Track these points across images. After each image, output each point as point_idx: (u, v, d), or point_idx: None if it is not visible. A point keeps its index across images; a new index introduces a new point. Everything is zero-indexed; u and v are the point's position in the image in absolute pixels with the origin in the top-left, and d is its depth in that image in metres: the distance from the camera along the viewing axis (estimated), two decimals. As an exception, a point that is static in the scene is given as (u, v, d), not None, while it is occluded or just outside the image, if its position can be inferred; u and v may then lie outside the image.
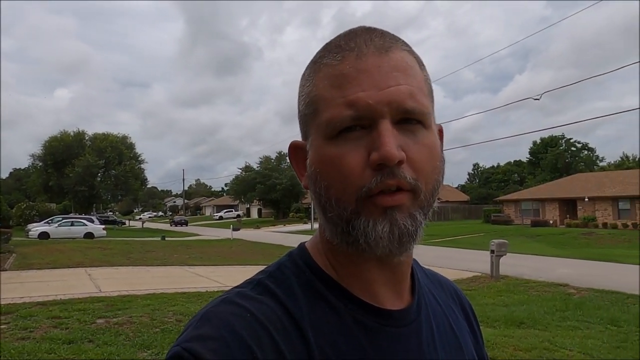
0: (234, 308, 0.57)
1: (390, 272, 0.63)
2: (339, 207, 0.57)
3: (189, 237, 34.85)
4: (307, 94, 0.62)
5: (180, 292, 10.28)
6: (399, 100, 0.56)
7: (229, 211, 71.84)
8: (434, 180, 0.59)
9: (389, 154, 0.54)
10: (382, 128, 0.55)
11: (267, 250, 22.54)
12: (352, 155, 0.56)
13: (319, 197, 0.59)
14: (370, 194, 0.55)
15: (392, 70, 0.57)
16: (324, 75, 0.59)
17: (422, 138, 0.58)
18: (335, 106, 0.57)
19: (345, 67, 0.58)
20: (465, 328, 0.74)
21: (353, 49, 0.58)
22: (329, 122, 0.57)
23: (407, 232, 0.56)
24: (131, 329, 6.83)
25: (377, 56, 0.58)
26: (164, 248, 23.20)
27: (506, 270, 13.17)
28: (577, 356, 6.20)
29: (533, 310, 8.85)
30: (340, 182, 0.56)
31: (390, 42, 0.59)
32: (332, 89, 0.58)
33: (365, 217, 0.56)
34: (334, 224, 0.59)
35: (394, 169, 0.55)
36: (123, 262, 16.42)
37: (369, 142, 0.56)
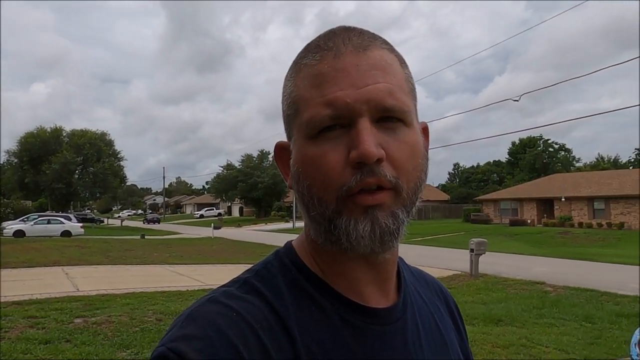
0: (220, 307, 0.57)
1: (376, 270, 0.63)
2: (321, 206, 0.57)
3: (169, 235, 34.47)
4: (289, 95, 0.62)
5: (160, 291, 10.16)
6: (377, 99, 0.56)
7: (210, 209, 71.28)
8: (416, 178, 0.59)
9: (367, 152, 0.54)
10: (361, 126, 0.55)
11: (249, 249, 22.44)
12: (332, 154, 0.56)
13: (302, 196, 0.60)
14: (350, 193, 0.55)
15: (370, 69, 0.57)
16: (304, 75, 0.60)
17: (402, 136, 0.58)
18: (314, 106, 0.57)
19: (324, 67, 0.58)
20: (451, 325, 0.75)
21: (331, 49, 0.59)
22: (309, 121, 0.57)
23: (389, 231, 0.56)
24: (110, 329, 6.73)
25: (355, 55, 0.58)
26: (143, 247, 22.90)
27: (485, 268, 13.36)
28: (553, 353, 6.33)
29: (511, 307, 9.00)
30: (321, 181, 0.57)
31: (368, 41, 0.60)
32: (312, 89, 0.58)
33: (347, 216, 0.56)
34: (317, 223, 0.59)
35: (373, 167, 0.55)
36: (101, 261, 16.16)
37: (348, 140, 0.56)
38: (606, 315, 8.42)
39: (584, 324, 7.97)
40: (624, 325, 7.71)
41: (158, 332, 6.64)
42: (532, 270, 14.38)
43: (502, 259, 17.18)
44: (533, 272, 13.89)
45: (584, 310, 8.79)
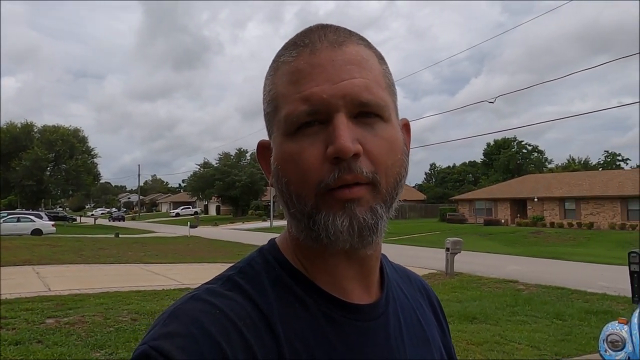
0: (203, 305, 0.56)
1: (358, 266, 0.63)
2: (300, 203, 0.57)
3: (144, 234, 33.93)
4: (268, 92, 0.63)
5: (135, 290, 10.00)
6: (352, 94, 0.56)
7: (186, 208, 70.41)
8: (395, 173, 0.59)
9: (344, 147, 0.54)
10: (337, 122, 0.55)
11: (225, 247, 22.26)
12: (310, 150, 0.56)
13: (281, 193, 0.60)
14: (328, 189, 0.55)
15: (346, 64, 0.57)
16: (282, 72, 0.60)
17: (380, 131, 0.58)
18: (291, 102, 0.57)
19: (300, 63, 0.58)
20: (433, 322, 0.76)
21: (307, 45, 0.59)
22: (287, 118, 0.58)
23: (367, 226, 0.56)
24: (83, 329, 6.60)
25: (331, 50, 0.58)
26: (117, 245, 22.48)
27: (460, 267, 13.57)
28: (526, 349, 6.48)
29: (485, 305, 9.17)
30: (299, 177, 0.57)
31: (344, 37, 0.60)
32: (289, 86, 0.58)
33: (326, 211, 0.56)
34: (297, 220, 0.59)
35: (350, 163, 0.55)
36: (74, 260, 15.79)
37: (325, 136, 0.56)
38: (576, 313, 8.66)
39: (555, 321, 8.17)
40: (592, 322, 7.95)
41: (133, 332, 6.54)
42: (506, 269, 14.67)
43: (477, 258, 17.47)
44: (506, 271, 14.18)
45: (555, 308, 9.02)
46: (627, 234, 28.58)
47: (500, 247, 23.98)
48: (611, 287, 11.13)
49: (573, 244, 25.73)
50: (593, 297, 10.22)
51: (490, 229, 33.68)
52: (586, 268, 15.46)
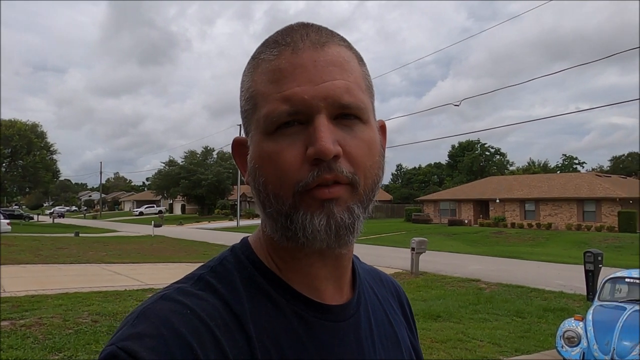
0: (174, 305, 0.55)
1: (332, 266, 0.64)
2: (277, 202, 0.57)
3: (106, 233, 32.99)
4: (246, 90, 0.62)
5: (96, 291, 9.73)
6: (334, 95, 0.56)
7: (150, 207, 68.79)
8: (373, 175, 0.59)
9: (324, 149, 0.54)
10: (318, 123, 0.55)
11: (191, 247, 21.91)
12: (289, 151, 0.56)
13: (258, 192, 0.59)
14: (307, 188, 0.55)
15: (328, 65, 0.57)
16: (262, 70, 0.59)
17: (359, 133, 0.58)
18: (271, 101, 0.57)
19: (282, 62, 0.58)
20: (403, 322, 0.77)
21: (289, 44, 0.58)
22: (267, 117, 0.57)
23: (344, 225, 0.56)
24: (41, 331, 6.36)
25: (313, 51, 0.58)
26: (78, 245, 21.78)
27: (425, 266, 13.81)
28: (487, 346, 6.66)
29: (449, 304, 9.37)
30: (278, 177, 0.56)
31: (326, 37, 0.60)
32: (269, 84, 0.58)
33: (304, 210, 0.56)
34: (273, 219, 0.59)
35: (330, 164, 0.55)
36: (31, 260, 15.21)
37: (305, 137, 0.56)
38: (535, 310, 8.96)
39: (515, 318, 8.43)
40: (550, 319, 8.24)
41: (94, 334, 6.35)
42: (469, 268, 15.03)
43: (441, 257, 17.83)
44: (469, 270, 14.52)
45: (515, 306, 9.30)
46: (583, 234, 29.78)
47: (463, 246, 24.53)
48: (568, 285, 11.57)
49: (532, 244, 26.59)
50: (551, 295, 10.60)
51: (454, 229, 34.38)
52: (544, 267, 16.01)
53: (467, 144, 68.16)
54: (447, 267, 15.01)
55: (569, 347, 5.56)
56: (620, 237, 26.29)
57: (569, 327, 5.70)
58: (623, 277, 6.43)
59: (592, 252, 9.93)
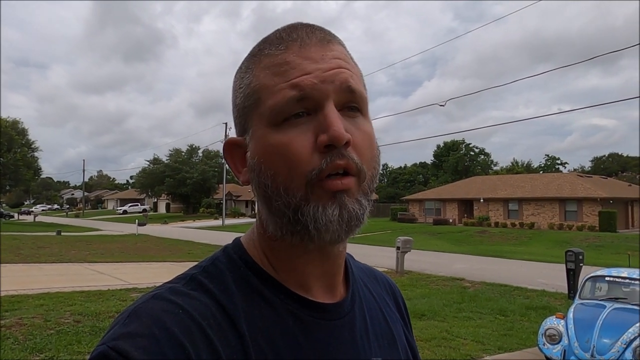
0: (165, 304, 0.55)
1: (327, 264, 0.64)
2: (288, 195, 0.57)
3: (88, 232, 32.53)
4: (246, 86, 0.61)
5: (78, 290, 9.59)
6: (342, 79, 0.57)
7: (135, 205, 68.02)
8: (372, 168, 0.60)
9: (338, 134, 0.54)
10: (328, 109, 0.56)
11: (175, 246, 21.73)
12: (300, 140, 0.56)
13: (264, 187, 0.59)
14: (320, 177, 0.55)
15: (334, 57, 0.59)
16: (266, 65, 0.59)
17: (361, 125, 0.59)
18: (278, 91, 0.57)
19: (289, 56, 0.58)
20: (398, 320, 0.77)
21: (296, 40, 0.59)
22: (273, 108, 0.57)
23: (356, 216, 0.57)
24: (21, 332, 6.25)
25: (320, 46, 0.59)
26: (60, 244, 21.44)
27: (410, 265, 13.90)
28: (471, 344, 6.73)
29: (433, 302, 9.45)
30: (289, 168, 0.56)
31: (330, 36, 0.62)
32: (275, 77, 0.58)
33: (315, 202, 0.56)
34: (280, 214, 0.58)
35: (342, 150, 0.55)
36: (12, 259, 14.90)
37: (315, 125, 0.56)
38: (517, 309, 9.08)
39: (498, 317, 8.54)
40: (532, 317, 8.36)
41: (76, 334, 6.27)
42: (453, 267, 15.17)
43: (426, 256, 17.97)
44: (454, 269, 14.66)
45: (498, 304, 9.42)
46: (565, 233, 30.25)
47: (448, 245, 24.75)
48: (550, 284, 11.76)
49: (515, 243, 26.94)
50: (533, 293, 10.75)
51: (439, 228, 34.64)
52: (527, 266, 16.24)
53: (452, 144, 68.72)
54: (431, 266, 15.13)
55: (551, 345, 5.65)
56: (600, 237, 26.78)
57: (550, 325, 5.79)
58: (603, 276, 6.56)
59: (574, 251, 10.12)
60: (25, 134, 48.45)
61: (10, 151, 44.89)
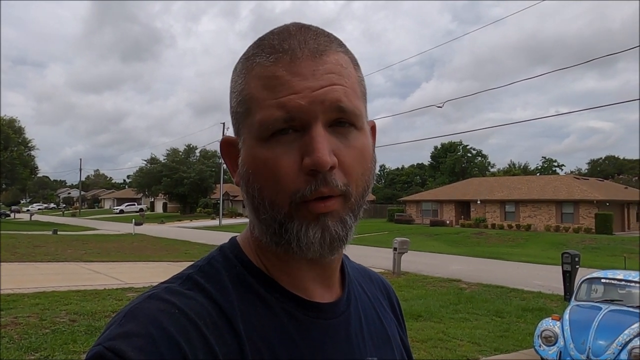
0: (162, 304, 0.55)
1: (320, 268, 0.65)
2: (273, 210, 0.57)
3: (85, 231, 32.45)
4: (239, 92, 0.61)
5: (74, 289, 9.57)
6: (331, 99, 0.56)
7: (131, 205, 67.88)
8: (364, 182, 0.60)
9: (322, 161, 0.54)
10: (315, 133, 0.55)
11: (172, 246, 21.70)
12: (285, 159, 0.56)
13: (252, 198, 0.59)
14: (304, 200, 0.56)
15: (326, 73, 0.57)
16: (256, 74, 0.58)
17: (353, 140, 0.58)
18: (266, 108, 0.56)
19: (279, 70, 0.57)
20: (393, 320, 0.78)
21: (287, 51, 0.57)
22: (261, 123, 0.57)
23: (338, 237, 0.57)
24: (16, 331, 6.24)
25: (311, 60, 0.57)
26: (56, 243, 21.39)
27: (407, 266, 13.92)
28: (467, 346, 6.74)
29: (430, 304, 9.46)
30: (274, 185, 0.56)
31: (324, 45, 0.59)
32: (264, 90, 0.57)
33: (299, 221, 0.57)
34: (266, 225, 0.59)
35: (326, 176, 0.55)
36: (7, 258, 14.85)
37: (301, 145, 0.55)
38: (514, 310, 9.10)
39: (495, 318, 8.55)
40: (529, 319, 8.38)
41: (71, 333, 6.25)
42: (450, 269, 15.19)
43: (423, 257, 17.98)
44: (450, 270, 14.68)
45: (494, 306, 9.44)
46: (561, 235, 30.34)
47: (445, 247, 24.78)
48: (546, 285, 11.79)
49: (512, 245, 26.99)
50: (529, 295, 10.78)
51: (436, 229, 34.68)
52: (523, 268, 16.28)
53: (450, 146, 68.84)
54: (428, 267, 15.15)
55: (547, 346, 5.66)
56: (597, 239, 26.87)
57: (546, 327, 5.80)
58: (599, 278, 6.58)
59: (570, 253, 10.13)
60: (22, 132, 48.36)
61: (7, 150, 44.74)
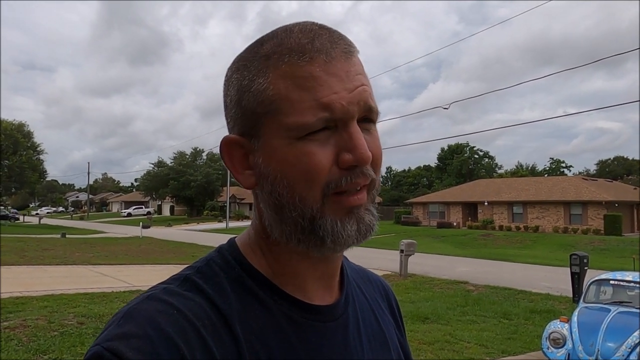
0: (160, 305, 0.55)
1: (325, 266, 0.65)
2: (304, 205, 0.57)
3: (93, 234, 32.64)
4: (260, 91, 0.59)
5: (82, 292, 9.62)
6: (364, 99, 0.59)
7: (139, 208, 68.21)
8: (379, 173, 0.63)
9: (365, 156, 0.56)
10: (354, 130, 0.57)
11: (179, 248, 21.77)
12: (321, 155, 0.56)
13: (279, 196, 0.58)
14: (337, 191, 0.57)
15: (356, 74, 0.59)
16: (286, 74, 0.57)
17: (374, 134, 0.61)
18: (306, 109, 0.56)
19: (315, 70, 0.57)
20: (391, 323, 0.77)
21: (321, 51, 0.58)
22: (300, 125, 0.56)
23: (371, 227, 0.60)
24: (25, 333, 6.28)
25: (344, 60, 0.59)
26: (64, 246, 21.52)
27: (414, 268, 13.87)
28: (474, 348, 6.70)
29: (437, 306, 9.41)
30: (307, 180, 0.57)
31: (351, 47, 0.61)
32: (300, 91, 0.56)
33: (332, 216, 0.58)
34: (293, 223, 0.58)
35: (363, 169, 0.57)
36: (16, 261, 14.96)
37: (337, 141, 0.57)
38: (521, 312, 9.04)
39: (502, 320, 8.50)
40: (537, 321, 8.32)
41: (79, 336, 6.29)
42: (457, 270, 15.12)
43: (430, 259, 17.92)
44: (457, 272, 14.61)
45: (502, 308, 9.37)
46: (569, 237, 30.10)
47: (452, 249, 24.67)
48: (554, 287, 11.70)
49: (520, 247, 26.81)
50: (537, 297, 10.70)
51: (443, 231, 34.55)
52: (531, 269, 16.16)
53: (456, 147, 68.58)
54: (435, 269, 15.09)
55: (555, 349, 5.62)
56: (605, 240, 26.64)
57: (554, 329, 5.76)
58: (608, 279, 6.52)
59: (578, 254, 10.07)
60: (31, 136, 48.75)
61: (16, 154, 45.14)
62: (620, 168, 72.64)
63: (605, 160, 76.93)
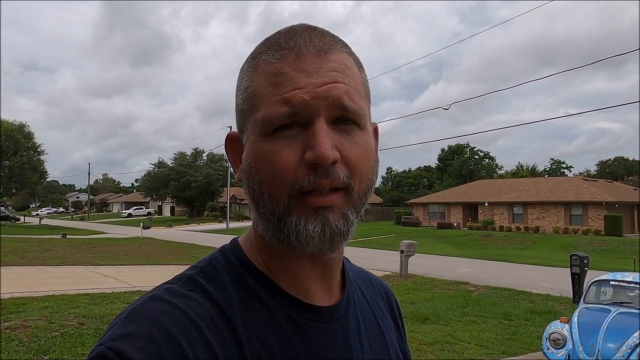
0: (163, 305, 0.56)
1: (321, 268, 0.65)
2: (272, 203, 0.58)
3: (93, 235, 32.65)
4: (244, 89, 0.62)
5: (83, 293, 9.63)
6: (334, 96, 0.57)
7: (139, 208, 68.19)
8: (367, 179, 0.60)
9: (323, 155, 0.54)
10: (317, 127, 0.56)
11: (180, 249, 21.76)
12: (287, 152, 0.56)
13: (252, 191, 0.60)
14: (302, 192, 0.56)
15: (330, 71, 0.58)
16: (262, 72, 0.59)
17: (356, 138, 0.59)
18: (271, 103, 0.57)
19: (284, 66, 0.58)
20: (391, 325, 0.78)
21: (292, 49, 0.58)
22: (265, 119, 0.57)
23: (339, 232, 0.58)
24: (26, 334, 6.28)
25: (316, 57, 0.58)
26: (65, 246, 21.52)
27: (414, 269, 13.86)
28: (475, 349, 6.70)
29: (437, 306, 9.41)
30: (273, 178, 0.57)
31: (329, 44, 0.60)
32: (269, 87, 0.58)
33: (297, 215, 0.57)
34: (266, 219, 0.59)
35: (328, 169, 0.55)
36: (17, 262, 14.97)
37: (304, 140, 0.56)
38: (522, 313, 9.03)
39: (502, 321, 8.49)
40: (537, 321, 8.32)
41: (80, 336, 6.29)
42: (457, 271, 15.11)
43: (430, 260, 17.90)
44: (458, 273, 14.60)
45: (502, 308, 9.37)
46: (570, 237, 30.07)
47: (452, 249, 24.65)
48: (554, 288, 11.70)
49: (520, 247, 26.79)
50: (538, 297, 10.69)
51: (443, 232, 34.50)
52: (532, 270, 16.15)
53: (457, 148, 68.51)
54: (435, 269, 15.08)
55: (555, 349, 5.62)
56: (606, 241, 26.61)
57: (554, 330, 5.76)
58: (608, 280, 6.52)
59: (579, 255, 10.06)
60: (31, 137, 48.74)
61: (17, 154, 45.15)
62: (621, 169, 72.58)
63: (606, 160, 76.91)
